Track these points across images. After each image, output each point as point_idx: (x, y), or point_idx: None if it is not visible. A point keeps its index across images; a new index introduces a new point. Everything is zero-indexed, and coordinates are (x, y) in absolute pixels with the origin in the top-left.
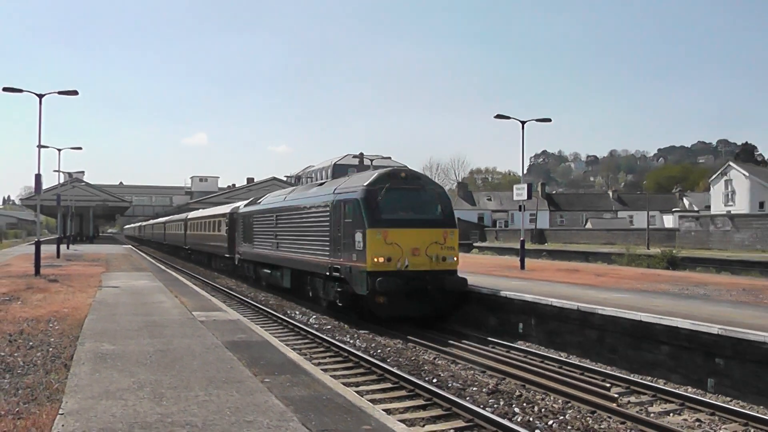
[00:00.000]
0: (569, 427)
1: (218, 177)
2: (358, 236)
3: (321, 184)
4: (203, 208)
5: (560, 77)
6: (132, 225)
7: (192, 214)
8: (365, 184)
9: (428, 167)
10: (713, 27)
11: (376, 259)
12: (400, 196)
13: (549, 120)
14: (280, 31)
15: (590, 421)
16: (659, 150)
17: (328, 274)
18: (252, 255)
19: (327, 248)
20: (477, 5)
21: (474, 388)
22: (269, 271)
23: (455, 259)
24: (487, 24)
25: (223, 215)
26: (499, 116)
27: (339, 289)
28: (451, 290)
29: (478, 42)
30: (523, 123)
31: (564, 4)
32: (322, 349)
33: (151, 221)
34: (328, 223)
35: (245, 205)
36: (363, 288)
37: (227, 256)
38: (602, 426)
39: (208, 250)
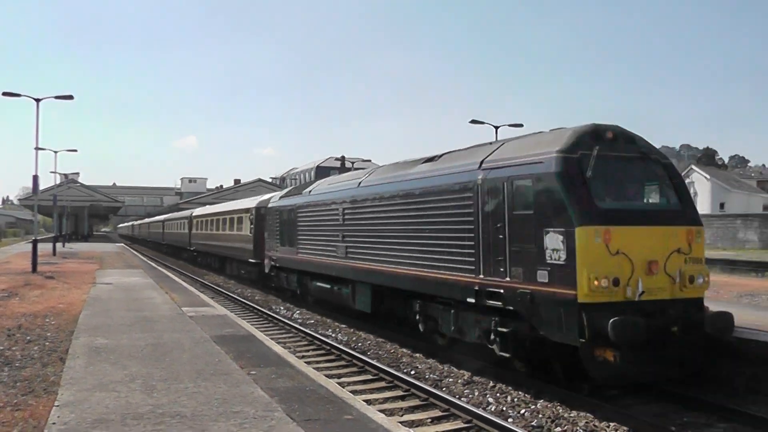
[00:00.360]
0: (540, 416)
1: (207, 178)
2: (553, 240)
3: (433, 158)
4: (212, 204)
5: (530, 84)
6: (126, 224)
7: (199, 211)
8: (558, 148)
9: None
10: (677, 35)
11: (595, 282)
12: (617, 169)
13: (521, 125)
14: (269, 41)
15: (560, 410)
16: None
17: (472, 301)
18: (294, 262)
19: (469, 258)
20: (454, 19)
21: (450, 379)
22: (328, 286)
23: (705, 279)
24: (464, 35)
25: (247, 210)
26: (473, 121)
27: (502, 329)
28: (712, 335)
29: (456, 52)
30: (496, 128)
31: (535, 17)
32: (305, 342)
33: (147, 219)
34: (470, 217)
35: (282, 197)
36: (571, 332)
37: (252, 261)
38: (572, 414)
39: (224, 252)
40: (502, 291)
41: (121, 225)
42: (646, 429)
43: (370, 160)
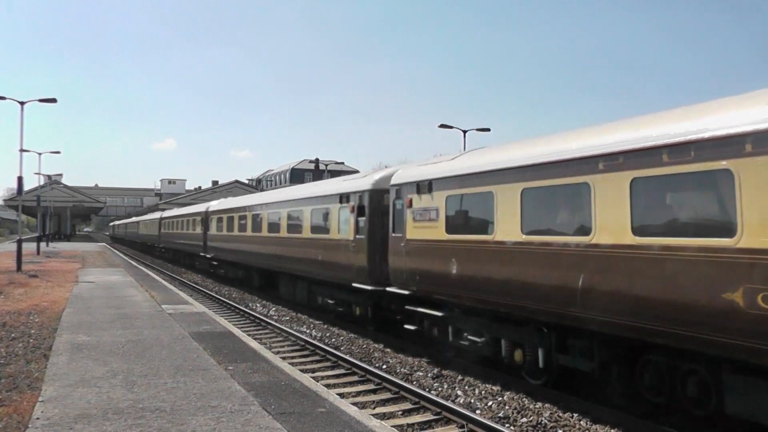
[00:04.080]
0: (506, 407)
1: (185, 180)
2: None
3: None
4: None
5: (499, 91)
6: (122, 221)
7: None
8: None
9: (377, 168)
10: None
11: None
12: None
13: (488, 129)
14: (247, 47)
15: (526, 401)
16: None
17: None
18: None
19: None
20: (432, 26)
21: (420, 373)
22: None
23: None
24: (434, 42)
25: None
26: (442, 125)
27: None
28: None
29: (425, 58)
30: (464, 132)
31: (503, 26)
32: (281, 338)
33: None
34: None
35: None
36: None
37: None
38: (537, 405)
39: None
40: None
41: (116, 222)
42: (641, 429)
43: (343, 162)
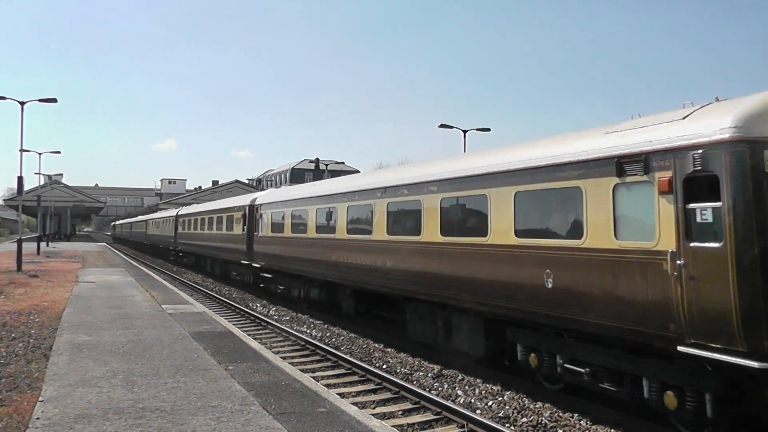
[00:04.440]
0: (506, 407)
1: (186, 180)
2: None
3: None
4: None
5: (499, 91)
6: (126, 221)
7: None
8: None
9: (377, 168)
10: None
11: None
12: None
13: (488, 129)
14: (249, 48)
15: (526, 401)
16: None
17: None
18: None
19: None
20: (424, 25)
21: (420, 373)
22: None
23: None
24: (434, 42)
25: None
26: (442, 125)
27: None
28: None
29: (425, 58)
30: (464, 132)
31: (503, 26)
32: (281, 338)
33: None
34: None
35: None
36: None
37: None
38: (537, 405)
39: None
40: None
41: (120, 222)
42: (641, 429)
43: (343, 162)
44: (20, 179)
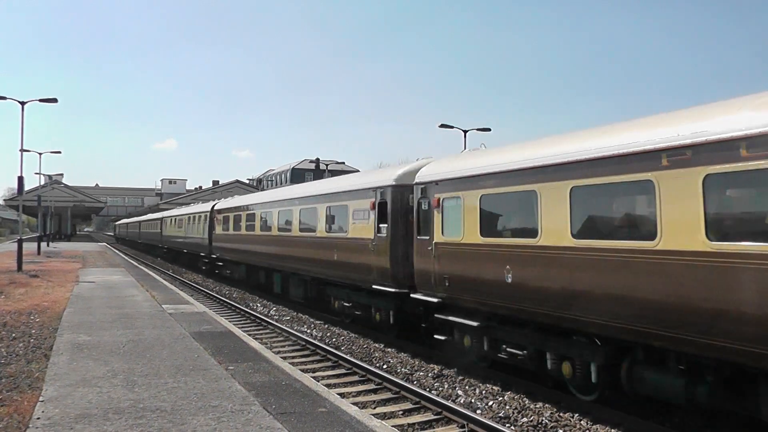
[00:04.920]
0: (507, 407)
1: (186, 179)
2: None
3: None
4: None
5: (500, 91)
6: (133, 219)
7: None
8: None
9: (377, 167)
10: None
11: None
12: None
13: (489, 129)
14: (249, 48)
15: (526, 401)
16: None
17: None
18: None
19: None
20: (424, 25)
21: (421, 373)
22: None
23: None
24: (434, 42)
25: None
26: (443, 125)
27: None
28: None
29: (425, 58)
30: (465, 132)
31: (503, 26)
32: (281, 338)
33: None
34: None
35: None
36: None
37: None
38: (537, 405)
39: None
40: None
41: (124, 221)
42: (641, 429)
43: (343, 162)
44: (21, 179)
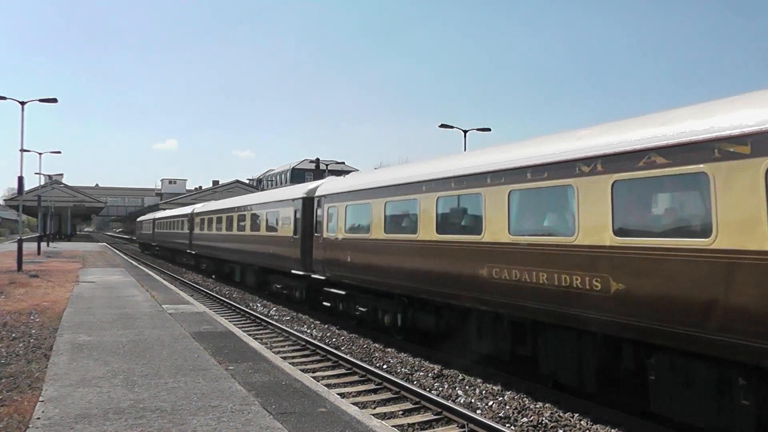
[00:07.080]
0: (507, 407)
1: (186, 180)
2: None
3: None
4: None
5: (499, 91)
6: (144, 217)
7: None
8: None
9: (377, 167)
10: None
11: None
12: None
13: (489, 129)
14: (249, 48)
15: (526, 401)
16: None
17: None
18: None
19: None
20: (424, 25)
21: (421, 373)
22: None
23: None
24: (434, 42)
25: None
26: (443, 125)
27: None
28: None
29: (425, 58)
30: (465, 132)
31: (503, 26)
32: (281, 338)
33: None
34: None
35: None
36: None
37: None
38: (537, 405)
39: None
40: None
41: (143, 218)
42: (641, 429)
43: (343, 162)
44: (21, 179)
